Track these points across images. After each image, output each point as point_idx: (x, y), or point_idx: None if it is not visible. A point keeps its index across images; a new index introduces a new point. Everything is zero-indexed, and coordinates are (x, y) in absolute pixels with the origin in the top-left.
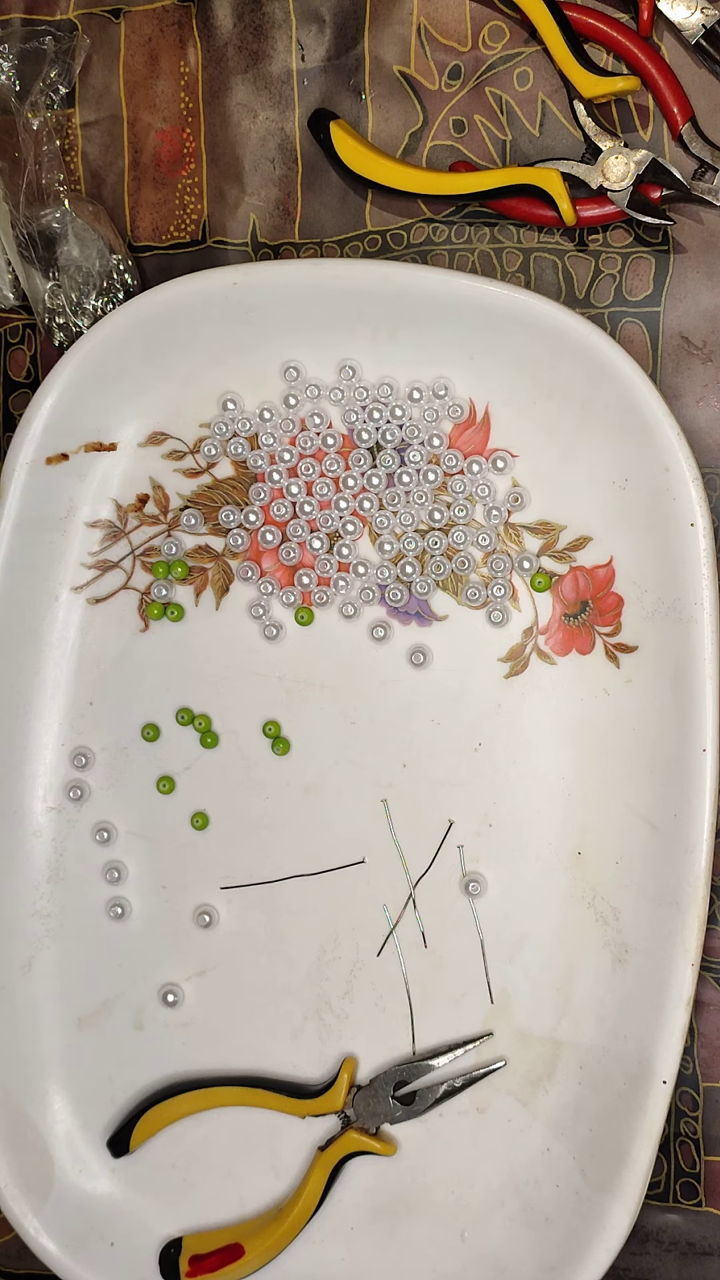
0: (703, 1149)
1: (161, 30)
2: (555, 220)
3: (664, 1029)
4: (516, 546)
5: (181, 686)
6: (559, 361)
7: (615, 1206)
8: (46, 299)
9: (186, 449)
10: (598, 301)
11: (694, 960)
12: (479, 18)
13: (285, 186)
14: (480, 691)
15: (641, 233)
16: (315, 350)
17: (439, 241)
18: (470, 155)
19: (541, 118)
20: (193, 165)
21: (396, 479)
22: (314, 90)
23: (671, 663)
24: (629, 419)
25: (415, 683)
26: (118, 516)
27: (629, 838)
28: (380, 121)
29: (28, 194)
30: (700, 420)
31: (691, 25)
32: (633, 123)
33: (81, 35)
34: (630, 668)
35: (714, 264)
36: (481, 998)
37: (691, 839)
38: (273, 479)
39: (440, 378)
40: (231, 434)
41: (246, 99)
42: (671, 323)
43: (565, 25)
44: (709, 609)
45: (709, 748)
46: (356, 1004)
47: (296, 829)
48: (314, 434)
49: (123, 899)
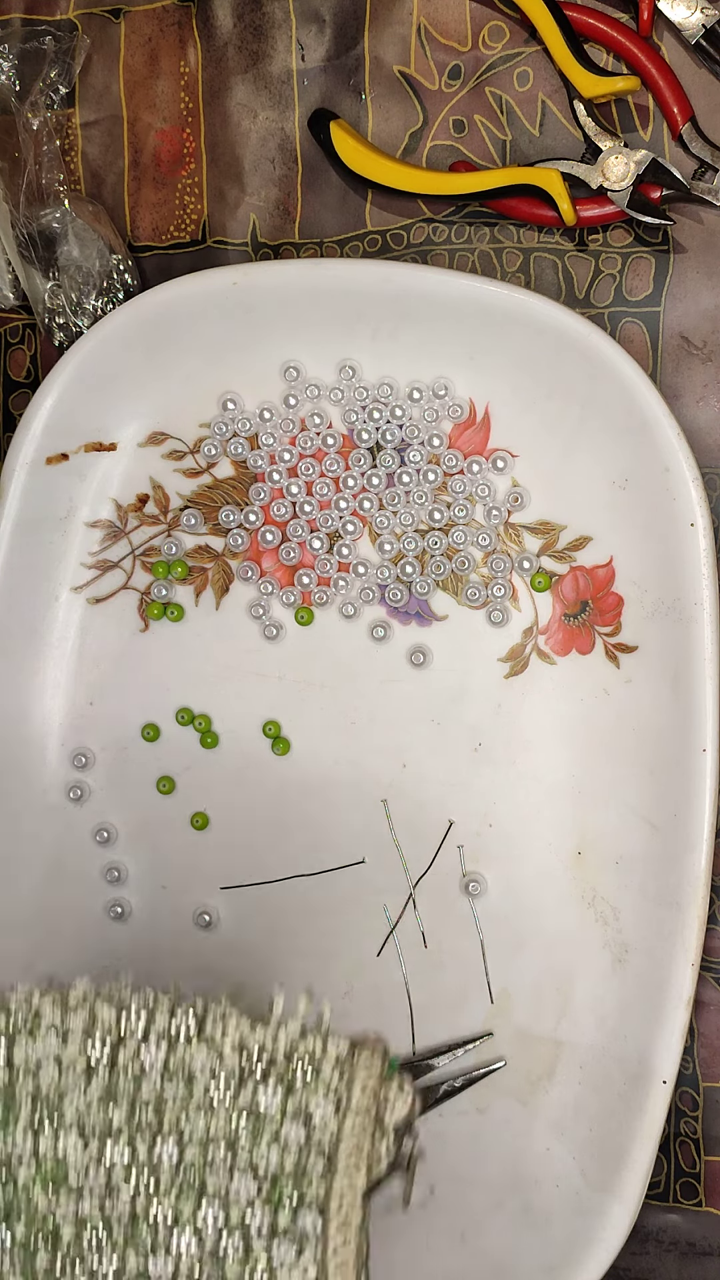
0: (703, 1149)
1: (161, 30)
2: (555, 220)
3: (664, 1029)
4: (516, 546)
5: (181, 686)
6: (559, 361)
7: (615, 1206)
8: (46, 299)
9: (186, 449)
10: (598, 301)
11: (694, 960)
12: (479, 18)
13: (285, 186)
14: (480, 691)
15: (641, 233)
16: (315, 350)
17: (439, 241)
18: (470, 155)
19: (541, 118)
20: (193, 165)
21: (396, 479)
22: (314, 90)
23: (671, 663)
24: (629, 419)
25: (415, 683)
26: (118, 516)
27: (629, 838)
28: (380, 121)
29: (28, 194)
30: (700, 420)
31: (691, 25)
32: (633, 123)
33: (81, 35)
34: (630, 668)
35: (714, 264)
36: (481, 998)
37: (691, 839)
38: (273, 479)
39: (440, 378)
40: (231, 434)
41: (246, 99)
42: (671, 323)
43: (565, 25)
44: (709, 609)
45: (709, 748)
46: (356, 1004)
47: (296, 829)
48: (314, 434)
49: (123, 899)
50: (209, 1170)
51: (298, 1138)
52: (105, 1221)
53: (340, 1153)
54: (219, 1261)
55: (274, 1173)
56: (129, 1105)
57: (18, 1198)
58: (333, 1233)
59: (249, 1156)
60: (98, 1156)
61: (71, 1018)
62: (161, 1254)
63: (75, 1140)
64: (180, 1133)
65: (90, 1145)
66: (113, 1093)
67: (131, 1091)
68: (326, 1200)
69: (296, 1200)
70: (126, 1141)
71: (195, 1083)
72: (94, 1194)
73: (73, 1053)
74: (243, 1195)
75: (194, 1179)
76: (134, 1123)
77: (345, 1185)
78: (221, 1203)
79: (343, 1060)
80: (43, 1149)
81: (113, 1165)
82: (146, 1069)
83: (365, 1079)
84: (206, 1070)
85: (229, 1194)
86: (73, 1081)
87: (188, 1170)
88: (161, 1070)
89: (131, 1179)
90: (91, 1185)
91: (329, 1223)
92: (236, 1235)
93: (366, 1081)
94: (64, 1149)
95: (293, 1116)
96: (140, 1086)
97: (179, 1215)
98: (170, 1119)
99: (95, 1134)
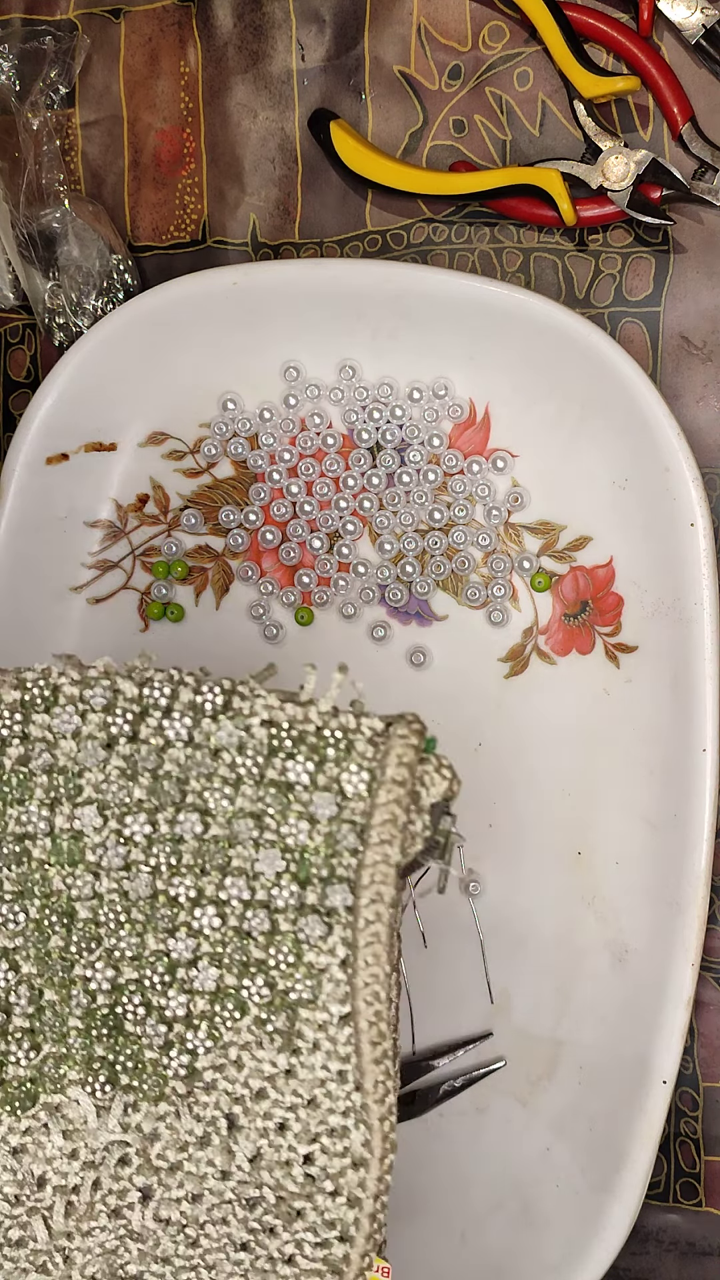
0: (703, 1149)
1: (161, 30)
2: (555, 220)
3: (664, 1029)
4: (516, 546)
5: None
6: (559, 361)
7: (615, 1206)
8: (46, 299)
9: (186, 449)
10: (598, 301)
11: (694, 960)
12: (479, 18)
13: (285, 186)
14: (480, 691)
15: (641, 233)
16: (315, 350)
17: (439, 241)
18: (470, 155)
19: (541, 118)
20: (193, 165)
21: (396, 479)
22: (314, 90)
23: (671, 663)
24: (629, 419)
25: (415, 683)
26: (118, 516)
27: (629, 838)
28: (380, 121)
29: (28, 194)
30: (700, 420)
31: (691, 25)
32: (633, 123)
33: (81, 35)
34: (630, 668)
35: (714, 264)
36: (481, 998)
37: (691, 839)
38: (273, 479)
39: (440, 378)
40: (231, 434)
41: (246, 99)
42: (671, 323)
43: (565, 25)
44: (709, 609)
45: (709, 748)
46: None
47: None
48: (314, 434)
49: None
50: (234, 845)
51: (328, 811)
52: (123, 900)
53: (373, 825)
54: (242, 941)
55: (303, 847)
56: (150, 778)
57: (32, 875)
58: (364, 907)
59: (276, 830)
60: (117, 831)
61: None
62: (182, 933)
63: (93, 815)
64: (204, 806)
65: (109, 820)
66: (134, 766)
67: (153, 764)
68: (358, 874)
69: (327, 873)
70: (147, 818)
71: (221, 756)
72: (111, 872)
73: (93, 726)
74: (269, 871)
75: (217, 855)
76: (155, 797)
77: (378, 859)
78: (246, 879)
79: (378, 735)
80: (59, 825)
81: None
82: (170, 740)
83: (401, 753)
84: (233, 743)
85: (254, 870)
86: (92, 754)
87: (211, 845)
88: (186, 743)
89: (152, 856)
90: (109, 863)
91: (360, 898)
92: (262, 913)
93: (403, 756)
94: (82, 824)
95: (324, 788)
96: (162, 760)
97: (201, 892)
98: (194, 792)
99: (114, 809)
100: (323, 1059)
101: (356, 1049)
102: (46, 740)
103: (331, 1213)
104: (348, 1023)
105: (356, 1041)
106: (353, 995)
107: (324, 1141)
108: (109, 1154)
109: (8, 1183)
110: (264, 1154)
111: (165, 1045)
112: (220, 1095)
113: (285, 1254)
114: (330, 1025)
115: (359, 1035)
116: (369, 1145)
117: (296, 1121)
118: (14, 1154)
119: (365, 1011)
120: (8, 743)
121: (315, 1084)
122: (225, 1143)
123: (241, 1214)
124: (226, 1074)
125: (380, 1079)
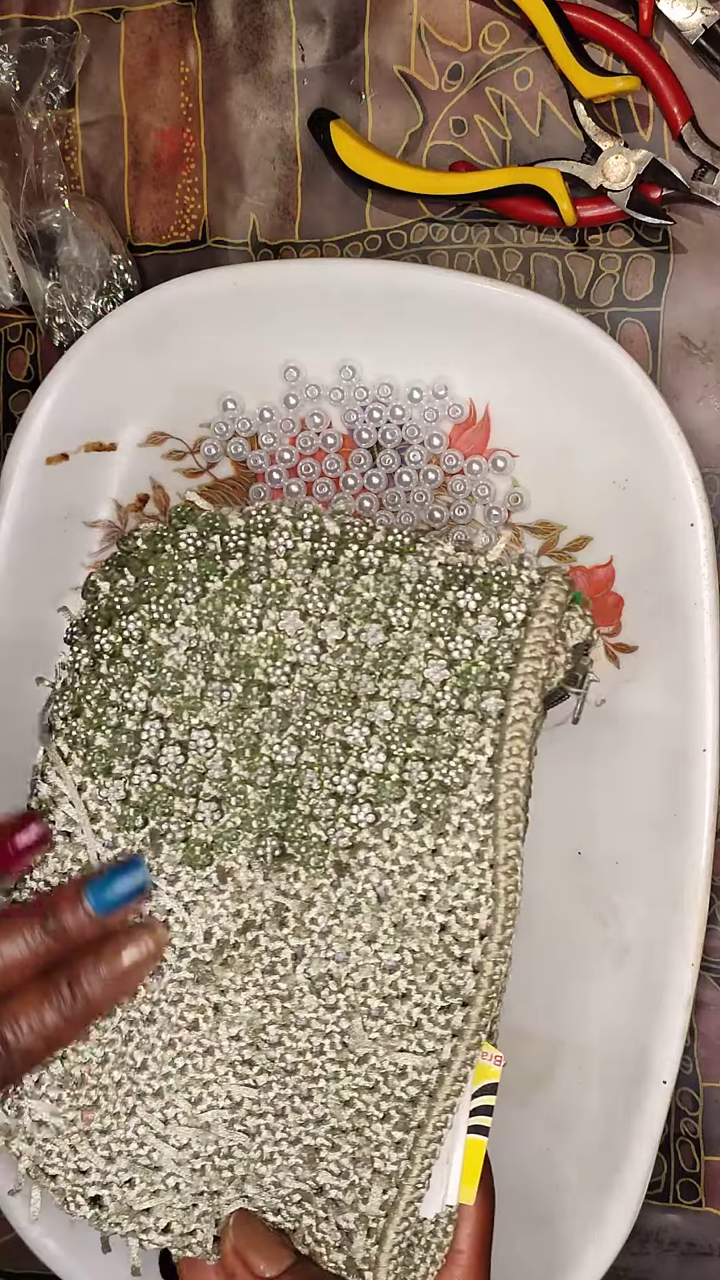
0: (703, 1149)
1: (161, 30)
2: (555, 220)
3: (664, 1029)
4: (517, 546)
5: None
6: (559, 361)
7: (615, 1206)
8: (46, 299)
9: (186, 449)
10: (598, 301)
11: (694, 960)
12: (479, 18)
13: (285, 186)
14: None
15: (641, 233)
16: (315, 350)
17: (439, 241)
18: (470, 155)
19: (541, 118)
20: (193, 165)
21: (396, 479)
22: (314, 90)
23: (671, 663)
24: (629, 419)
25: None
26: (118, 516)
27: (629, 838)
28: (380, 121)
29: (28, 194)
30: (700, 420)
31: (691, 25)
32: (633, 123)
33: (81, 35)
34: (630, 668)
35: (714, 264)
36: None
37: (691, 839)
38: (273, 479)
39: (440, 378)
40: (231, 434)
41: (246, 99)
42: (671, 323)
43: (565, 25)
44: (709, 609)
45: (709, 748)
46: None
47: None
48: (314, 434)
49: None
50: (408, 657)
51: (490, 633)
52: (311, 693)
53: (526, 644)
54: (408, 734)
55: (467, 659)
56: (345, 595)
57: (242, 663)
58: (512, 708)
59: (444, 647)
60: (313, 635)
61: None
62: (358, 723)
63: (295, 619)
64: (387, 622)
65: (308, 626)
66: (332, 585)
67: (347, 585)
68: (509, 684)
69: (484, 682)
70: (339, 626)
71: (404, 585)
72: (304, 668)
73: (303, 550)
74: (435, 679)
75: (394, 661)
76: (347, 611)
77: (528, 670)
78: (415, 685)
79: (535, 582)
80: (267, 624)
81: (325, 644)
82: (364, 569)
83: (555, 593)
84: (414, 576)
85: (423, 678)
86: (300, 572)
87: (389, 654)
88: (377, 570)
89: (339, 658)
90: (304, 659)
91: (510, 701)
92: (426, 712)
93: (556, 596)
94: (285, 626)
95: (488, 615)
96: (355, 582)
97: (378, 691)
98: (379, 611)
99: (314, 617)
100: (465, 839)
101: (494, 831)
102: (263, 557)
103: (458, 977)
104: (489, 809)
105: (495, 824)
106: (496, 786)
107: (459, 913)
108: (269, 916)
109: (177, 935)
110: (407, 920)
111: (331, 820)
112: (373, 870)
113: (414, 1019)
114: (475, 811)
115: (497, 817)
116: (494, 916)
117: (437, 894)
118: (186, 908)
119: (505, 795)
120: (231, 555)
121: (456, 861)
122: (374, 911)
123: (380, 976)
124: (380, 852)
125: (510, 854)
